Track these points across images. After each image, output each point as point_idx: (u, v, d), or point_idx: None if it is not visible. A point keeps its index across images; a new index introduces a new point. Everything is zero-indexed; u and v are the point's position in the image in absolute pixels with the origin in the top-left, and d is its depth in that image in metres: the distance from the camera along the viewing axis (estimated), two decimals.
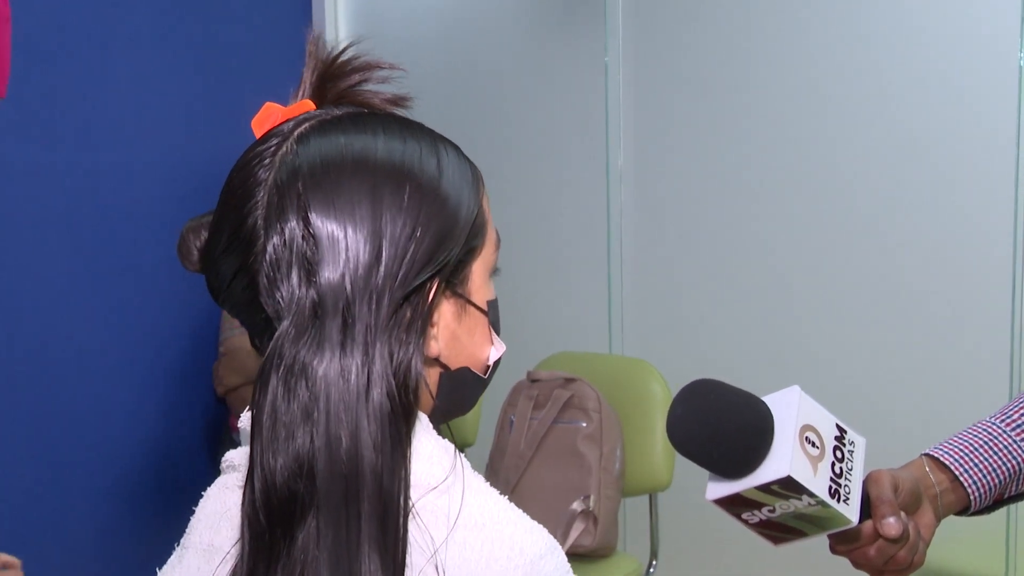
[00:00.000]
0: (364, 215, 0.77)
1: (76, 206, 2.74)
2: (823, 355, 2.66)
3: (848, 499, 0.97)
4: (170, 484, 2.99)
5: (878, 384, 2.59)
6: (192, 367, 3.06)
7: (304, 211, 0.77)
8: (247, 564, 0.75)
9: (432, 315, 0.80)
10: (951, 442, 1.10)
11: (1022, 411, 1.11)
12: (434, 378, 0.83)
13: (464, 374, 0.85)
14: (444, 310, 0.82)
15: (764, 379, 2.71)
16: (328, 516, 0.73)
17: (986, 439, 1.10)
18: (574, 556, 2.36)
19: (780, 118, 2.70)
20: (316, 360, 0.74)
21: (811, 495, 0.95)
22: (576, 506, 2.35)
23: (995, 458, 1.08)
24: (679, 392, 1.00)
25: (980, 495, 1.08)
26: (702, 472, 1.00)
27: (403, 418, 0.76)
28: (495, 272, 0.88)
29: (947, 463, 1.08)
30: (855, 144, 2.60)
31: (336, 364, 0.74)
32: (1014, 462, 1.09)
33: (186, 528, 0.88)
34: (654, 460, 2.46)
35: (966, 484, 1.07)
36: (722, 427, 0.97)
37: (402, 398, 0.76)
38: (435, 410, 0.85)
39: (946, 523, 1.12)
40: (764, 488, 0.96)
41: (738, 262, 2.80)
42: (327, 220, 0.76)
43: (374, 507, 0.73)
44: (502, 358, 0.89)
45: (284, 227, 0.77)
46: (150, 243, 2.92)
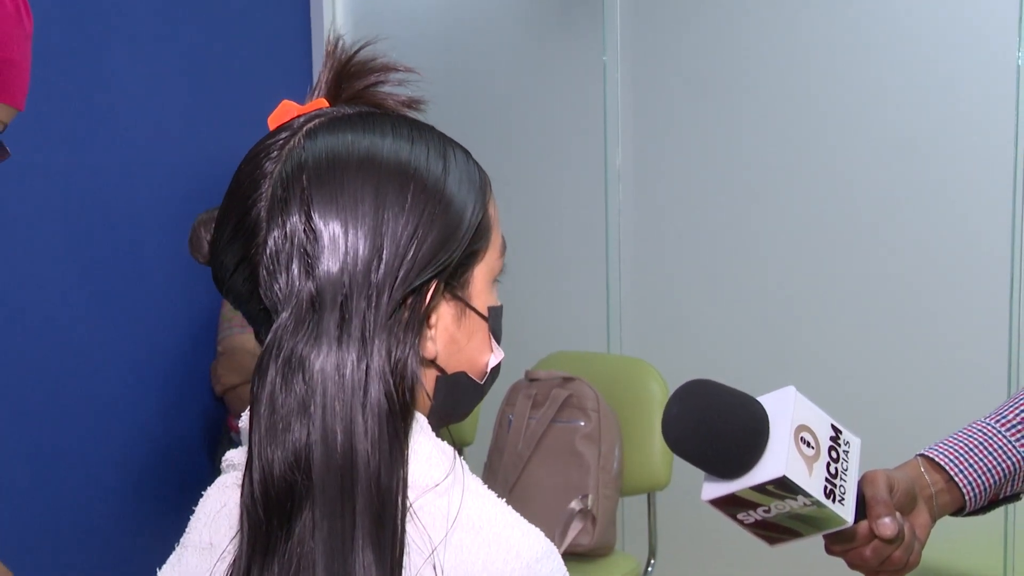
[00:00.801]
0: (366, 212, 0.77)
1: (75, 206, 2.74)
2: (821, 355, 2.66)
3: (843, 499, 0.97)
4: (168, 483, 2.99)
5: (877, 384, 2.59)
6: (190, 366, 3.07)
7: (307, 205, 0.77)
8: (245, 555, 0.75)
9: (430, 316, 0.81)
10: (946, 443, 1.10)
11: (1016, 411, 1.12)
12: (430, 380, 0.84)
13: (460, 379, 0.85)
14: (443, 312, 0.82)
15: (763, 378, 2.71)
16: (324, 509, 0.73)
17: (981, 439, 1.10)
18: (572, 555, 2.36)
19: (778, 118, 2.70)
20: (313, 353, 0.75)
21: (806, 495, 0.95)
22: (574, 505, 2.35)
23: (990, 458, 1.08)
24: (674, 392, 1.01)
25: (975, 495, 1.08)
26: (700, 472, 1.00)
27: (400, 416, 0.76)
28: (499, 278, 0.88)
29: (942, 463, 1.08)
30: (853, 144, 2.60)
31: (332, 358, 0.75)
32: (1009, 462, 1.09)
33: (185, 527, 0.88)
34: (653, 459, 2.46)
35: (961, 484, 1.07)
36: (717, 427, 0.97)
37: (399, 396, 0.76)
38: (431, 415, 0.85)
39: (944, 523, 1.12)
40: (759, 488, 0.96)
41: (737, 262, 2.80)
42: (329, 215, 0.77)
43: (369, 502, 0.73)
44: (501, 366, 0.89)
45: (286, 220, 0.78)
46: (149, 242, 2.92)
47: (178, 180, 2.99)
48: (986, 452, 1.09)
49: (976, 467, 1.08)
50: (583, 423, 2.43)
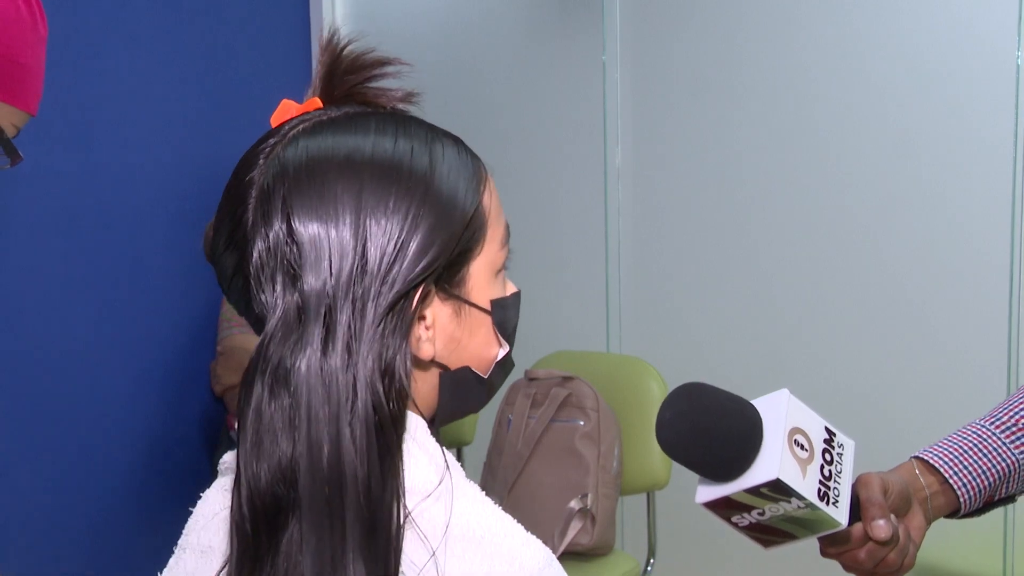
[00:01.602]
0: (349, 218, 0.76)
1: (74, 206, 2.74)
2: (820, 354, 2.67)
3: (837, 502, 0.97)
4: (168, 482, 2.99)
5: (875, 385, 2.59)
6: (190, 366, 3.07)
7: (288, 214, 0.76)
8: (235, 568, 0.75)
9: (424, 317, 0.80)
10: (941, 445, 1.10)
11: (1011, 413, 1.12)
12: (434, 380, 0.83)
13: (465, 374, 0.84)
14: (438, 312, 0.81)
15: (762, 377, 2.72)
16: (311, 522, 0.72)
17: (975, 441, 1.10)
18: (572, 555, 2.36)
19: (777, 117, 2.70)
20: (299, 364, 0.74)
21: (800, 498, 0.95)
22: (574, 505, 2.35)
23: (985, 460, 1.08)
24: (668, 396, 1.01)
25: (970, 497, 1.08)
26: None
27: (390, 426, 0.75)
28: (505, 267, 0.87)
29: (936, 466, 1.08)
30: (852, 143, 2.60)
31: (317, 369, 0.74)
32: (1004, 464, 1.09)
33: (183, 529, 0.89)
34: (652, 459, 2.47)
35: (956, 487, 1.07)
36: (711, 430, 0.97)
37: (389, 407, 0.75)
38: (440, 411, 0.84)
39: (943, 523, 1.12)
40: (753, 491, 0.96)
41: (736, 261, 2.80)
42: (310, 224, 0.76)
43: (359, 514, 0.72)
44: (511, 357, 0.88)
45: (268, 231, 0.77)
46: (148, 243, 2.93)
47: (178, 180, 2.99)
48: (981, 454, 1.09)
49: (971, 469, 1.08)
50: (582, 422, 2.43)
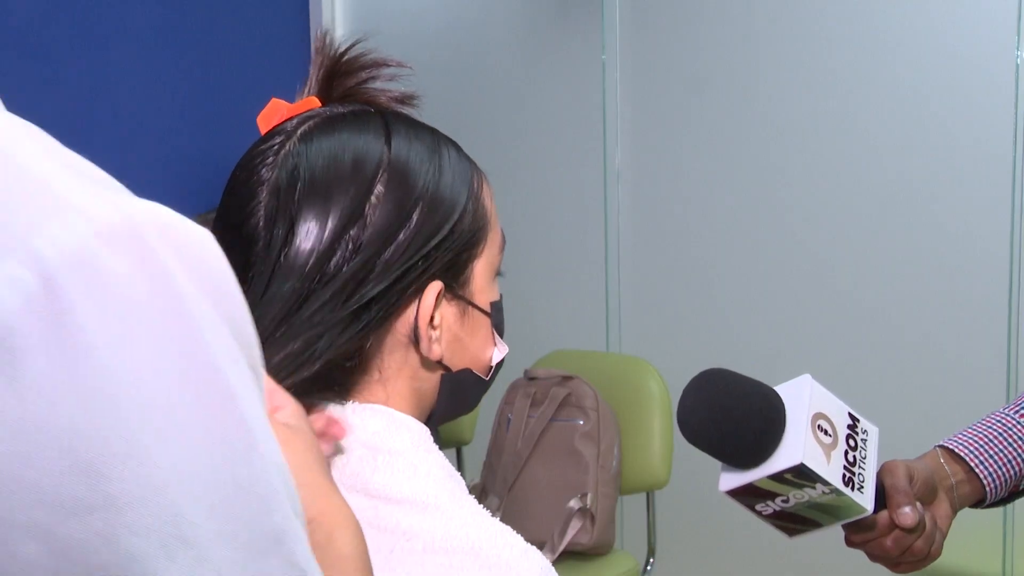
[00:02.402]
0: (351, 215, 0.77)
1: None
2: (820, 353, 2.66)
3: (863, 487, 0.96)
4: None
5: (875, 383, 2.59)
6: None
7: (301, 211, 0.77)
8: None
9: (432, 318, 0.80)
10: (965, 433, 1.10)
11: None
12: (436, 381, 0.83)
13: (466, 375, 0.85)
14: (446, 313, 0.81)
15: (761, 377, 2.70)
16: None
17: (1000, 430, 1.09)
18: (571, 554, 2.35)
19: (777, 116, 2.70)
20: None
21: (825, 483, 0.94)
22: (573, 504, 2.34)
23: (1010, 449, 1.07)
24: (690, 382, 0.99)
25: (996, 486, 1.07)
26: (700, 470, 0.99)
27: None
28: (499, 273, 0.88)
29: (962, 454, 1.07)
30: (852, 142, 2.60)
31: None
32: None
33: None
34: (651, 458, 2.45)
35: (981, 476, 1.06)
36: (734, 416, 0.96)
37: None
38: (437, 411, 0.84)
39: None
40: (777, 477, 0.95)
41: (735, 260, 2.79)
42: (320, 221, 0.76)
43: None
44: (504, 359, 0.88)
45: (279, 229, 0.77)
46: None
47: (176, 180, 2.97)
48: (1006, 443, 1.08)
49: (996, 458, 1.07)
50: (582, 422, 2.42)
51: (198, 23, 3.05)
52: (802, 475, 0.94)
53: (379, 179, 0.78)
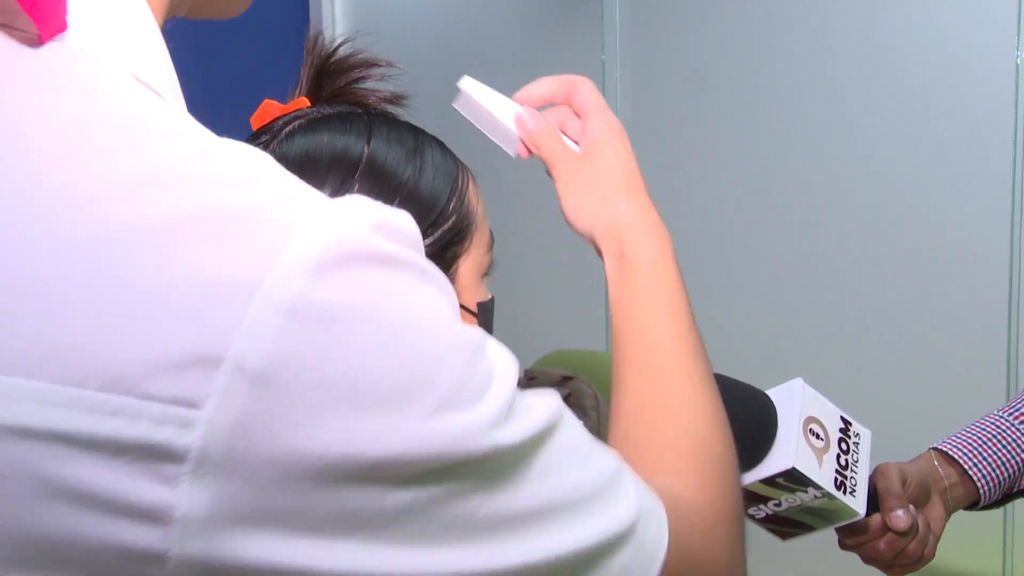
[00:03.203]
0: None
1: None
2: (820, 353, 2.65)
3: (855, 491, 0.96)
4: None
5: (875, 383, 2.58)
6: None
7: None
8: None
9: None
10: (959, 436, 1.10)
11: None
12: None
13: None
14: None
15: (762, 377, 2.70)
16: None
17: (994, 432, 1.09)
18: None
19: (777, 117, 2.70)
20: None
21: (817, 487, 0.94)
22: None
23: (1004, 452, 1.07)
24: None
25: (989, 489, 1.07)
26: None
27: None
28: (489, 272, 0.87)
29: (956, 457, 1.07)
30: (851, 142, 2.59)
31: None
32: (1023, 456, 1.08)
33: None
34: None
35: (975, 478, 1.06)
36: None
37: None
38: None
39: None
40: (769, 481, 0.95)
41: (735, 260, 2.79)
42: None
43: None
44: None
45: None
46: None
47: None
48: (1000, 445, 1.08)
49: (990, 460, 1.07)
50: (582, 422, 2.42)
51: (197, 23, 3.05)
52: (794, 479, 0.94)
53: (356, 177, 0.78)
